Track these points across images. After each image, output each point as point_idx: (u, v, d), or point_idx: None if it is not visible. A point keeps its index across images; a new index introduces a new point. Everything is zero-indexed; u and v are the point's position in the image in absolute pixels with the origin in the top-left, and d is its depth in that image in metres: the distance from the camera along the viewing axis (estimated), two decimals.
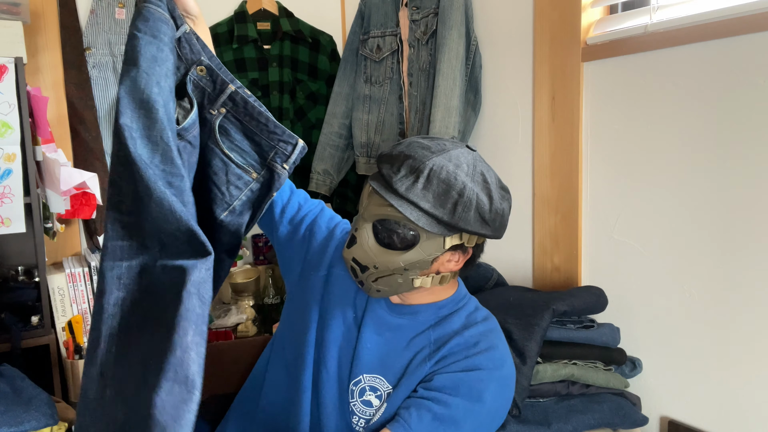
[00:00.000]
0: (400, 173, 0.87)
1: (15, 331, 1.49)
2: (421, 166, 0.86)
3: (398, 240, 0.89)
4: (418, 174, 0.86)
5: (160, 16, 0.82)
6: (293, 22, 2.19)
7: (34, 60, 1.77)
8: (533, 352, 1.23)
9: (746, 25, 1.17)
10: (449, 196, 0.86)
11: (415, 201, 0.86)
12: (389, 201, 0.87)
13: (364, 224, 0.91)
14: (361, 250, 0.91)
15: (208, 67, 0.90)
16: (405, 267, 0.90)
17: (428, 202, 0.86)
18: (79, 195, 1.68)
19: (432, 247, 0.89)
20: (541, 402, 1.28)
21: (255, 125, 0.93)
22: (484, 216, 0.88)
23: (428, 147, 0.90)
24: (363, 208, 0.92)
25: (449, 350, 0.95)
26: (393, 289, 0.93)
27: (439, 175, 0.86)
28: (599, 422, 1.26)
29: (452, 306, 1.01)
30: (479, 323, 0.99)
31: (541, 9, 1.57)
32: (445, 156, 0.88)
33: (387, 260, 0.90)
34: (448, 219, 0.86)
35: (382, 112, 1.98)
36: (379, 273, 0.91)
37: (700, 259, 1.29)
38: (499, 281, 1.65)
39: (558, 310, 1.29)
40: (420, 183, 0.85)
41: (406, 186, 0.86)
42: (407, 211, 0.86)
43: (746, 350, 1.23)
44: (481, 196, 0.87)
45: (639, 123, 1.39)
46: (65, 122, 1.85)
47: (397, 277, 0.91)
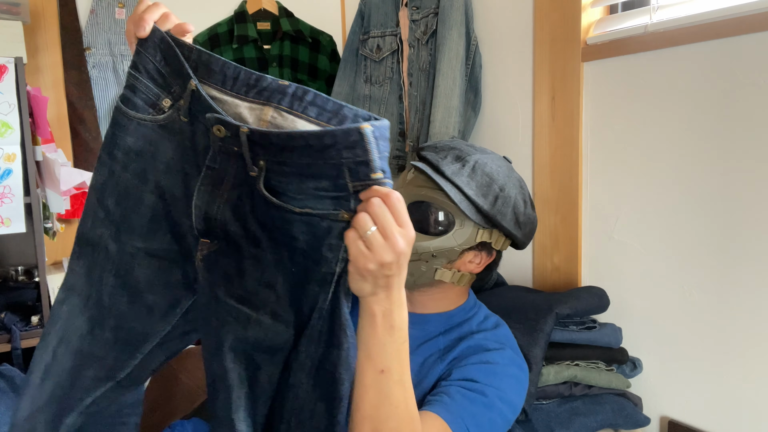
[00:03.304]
0: (446, 159, 0.89)
1: (15, 331, 1.49)
2: (467, 157, 0.90)
3: (433, 223, 0.90)
4: (464, 163, 0.89)
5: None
6: (293, 22, 2.19)
7: (34, 60, 1.77)
8: (538, 358, 1.23)
9: (746, 25, 1.17)
10: (491, 189, 0.89)
11: (459, 185, 0.88)
12: (435, 181, 0.88)
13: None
14: None
15: (222, 122, 0.66)
16: (433, 253, 0.90)
17: (472, 190, 0.88)
18: (79, 195, 1.69)
19: (464, 236, 0.90)
20: (544, 405, 1.28)
21: (301, 155, 0.62)
22: (519, 217, 0.91)
23: (471, 145, 0.95)
24: (399, 188, 0.91)
25: (460, 352, 0.94)
26: (413, 277, 0.92)
27: (483, 168, 0.90)
28: (601, 424, 1.26)
29: (462, 315, 1.00)
30: (489, 331, 0.99)
31: (541, 9, 1.57)
32: (487, 156, 0.93)
33: (417, 244, 0.89)
34: (488, 209, 0.89)
35: (382, 112, 1.98)
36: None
37: (700, 259, 1.29)
38: (498, 281, 1.65)
39: (561, 314, 1.29)
40: (466, 170, 0.88)
41: (453, 170, 0.88)
42: (452, 193, 0.87)
43: (746, 350, 1.23)
44: (518, 198, 0.92)
45: (639, 123, 1.39)
46: (65, 122, 1.85)
47: (422, 264, 0.91)
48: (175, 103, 0.73)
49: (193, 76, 0.69)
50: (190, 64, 0.70)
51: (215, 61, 0.69)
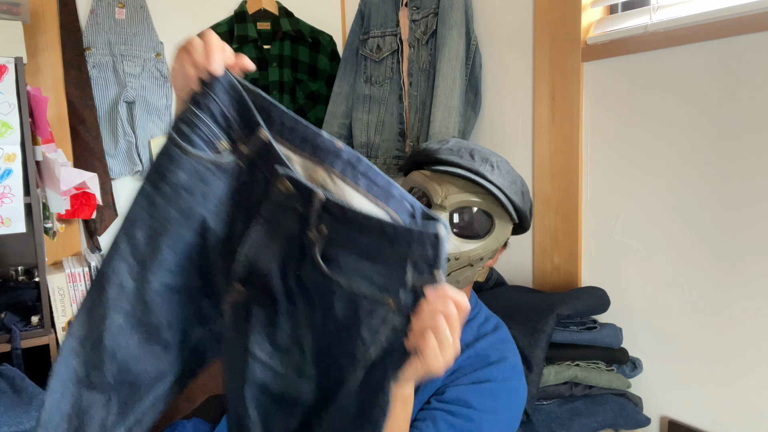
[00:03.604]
0: (476, 161, 0.90)
1: (15, 331, 1.49)
2: (489, 157, 0.91)
3: (478, 227, 0.90)
4: (491, 163, 0.90)
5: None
6: (293, 22, 2.19)
7: (34, 60, 1.77)
8: (539, 359, 1.23)
9: (746, 25, 1.17)
10: (517, 185, 0.92)
11: (499, 185, 0.89)
12: (483, 185, 0.88)
13: (442, 213, 0.89)
14: None
15: (289, 178, 0.66)
16: (482, 256, 0.90)
17: (508, 189, 0.90)
18: (79, 195, 1.69)
19: (502, 234, 0.92)
20: (544, 405, 1.28)
21: (368, 238, 0.63)
22: (532, 208, 0.96)
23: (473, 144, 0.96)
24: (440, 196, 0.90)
25: (460, 363, 0.93)
26: (459, 284, 0.92)
27: (505, 166, 0.92)
28: (602, 424, 1.26)
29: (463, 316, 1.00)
30: (490, 334, 0.98)
31: (541, 9, 1.57)
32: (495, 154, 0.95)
33: (467, 250, 0.89)
34: (521, 205, 0.92)
35: (382, 112, 1.98)
36: (456, 265, 0.90)
37: (700, 259, 1.29)
38: (498, 281, 1.65)
39: (562, 315, 1.29)
40: (496, 171, 0.90)
41: (490, 171, 0.89)
42: (499, 195, 0.89)
43: (747, 350, 1.23)
44: (526, 191, 0.96)
45: (639, 123, 1.39)
46: (65, 122, 1.85)
47: (469, 269, 0.91)
48: (235, 147, 0.71)
49: (263, 126, 0.69)
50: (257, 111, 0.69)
51: (275, 108, 0.69)
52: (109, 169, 1.97)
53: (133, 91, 1.99)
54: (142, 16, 2.01)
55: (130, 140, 1.98)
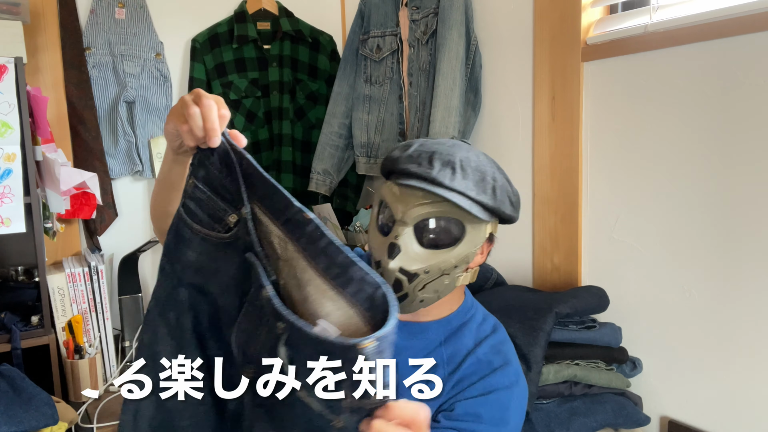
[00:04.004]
0: (435, 168, 0.86)
1: (15, 331, 1.49)
2: (452, 159, 0.87)
3: (447, 236, 0.88)
4: (452, 166, 0.86)
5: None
6: (293, 22, 2.19)
7: (34, 60, 1.77)
8: (539, 357, 1.23)
9: (746, 25, 1.17)
10: (486, 182, 0.87)
11: (461, 190, 0.85)
12: (440, 195, 0.85)
13: (405, 228, 0.87)
14: (407, 257, 0.86)
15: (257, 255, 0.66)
16: (455, 264, 0.89)
17: (472, 190, 0.86)
18: (79, 195, 1.69)
19: (477, 237, 0.90)
20: (544, 404, 1.28)
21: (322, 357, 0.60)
22: (512, 199, 0.91)
23: (442, 143, 0.91)
24: (399, 212, 0.88)
25: (464, 372, 0.93)
26: (437, 294, 0.91)
27: (470, 164, 0.87)
28: (601, 423, 1.26)
29: (461, 318, 0.99)
30: (489, 337, 0.97)
31: (541, 9, 1.57)
32: (461, 148, 0.90)
33: (438, 261, 0.87)
34: (492, 204, 0.88)
35: (382, 112, 1.98)
36: (429, 278, 0.88)
37: (700, 258, 1.29)
38: (498, 281, 1.65)
39: (561, 313, 1.29)
40: (458, 173, 0.86)
41: (449, 177, 0.85)
42: (460, 201, 0.85)
43: (746, 350, 1.23)
44: (505, 181, 0.91)
45: (639, 123, 1.39)
46: (65, 122, 1.85)
47: (445, 278, 0.89)
48: (241, 220, 0.69)
49: (246, 203, 0.67)
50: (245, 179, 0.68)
51: (259, 176, 0.67)
52: (109, 169, 1.97)
53: (133, 91, 1.99)
54: (142, 16, 2.01)
55: (130, 140, 1.98)
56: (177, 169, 0.79)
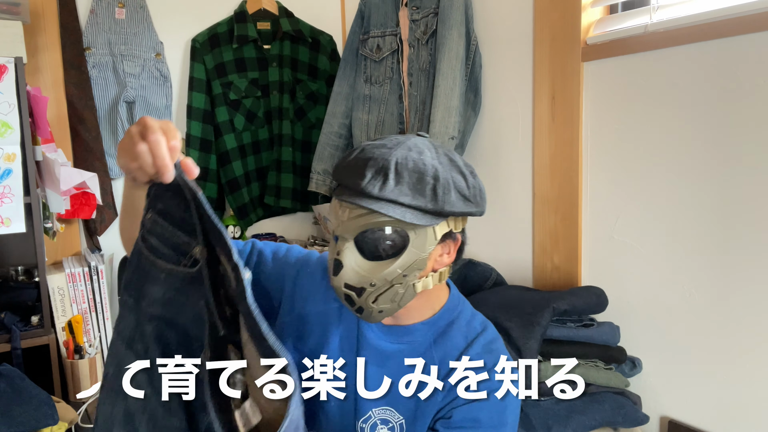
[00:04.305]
0: (366, 178, 0.81)
1: (15, 331, 1.49)
2: (386, 164, 0.82)
3: (388, 247, 0.83)
4: (385, 172, 0.81)
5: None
6: (293, 22, 2.20)
7: (34, 60, 1.77)
8: (533, 350, 1.23)
9: (746, 25, 1.17)
10: (425, 183, 0.82)
11: (392, 198, 0.81)
12: (366, 207, 0.81)
13: (345, 243, 0.84)
14: (351, 272, 0.84)
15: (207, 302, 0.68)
16: (403, 273, 0.85)
17: (406, 196, 0.81)
18: (79, 195, 1.69)
19: (424, 242, 0.85)
20: (542, 402, 1.28)
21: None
22: (465, 194, 0.85)
23: (383, 145, 0.86)
24: (338, 227, 0.85)
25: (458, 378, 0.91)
26: (396, 303, 0.88)
27: (407, 166, 0.82)
28: (600, 422, 1.26)
29: (448, 316, 0.96)
30: (480, 335, 0.95)
31: (541, 9, 1.57)
32: (403, 148, 0.85)
33: (383, 273, 0.84)
34: (433, 206, 0.83)
35: (382, 112, 1.98)
36: (377, 290, 0.85)
37: (700, 258, 1.29)
38: (497, 281, 1.65)
39: (558, 309, 1.29)
40: (391, 180, 0.81)
41: (379, 186, 0.81)
42: (390, 211, 0.81)
43: (746, 349, 1.23)
44: (455, 176, 0.85)
45: (639, 123, 1.39)
46: (65, 122, 1.85)
47: (398, 287, 0.86)
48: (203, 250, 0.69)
49: (201, 242, 0.66)
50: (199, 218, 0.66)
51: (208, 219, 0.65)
52: (109, 169, 1.97)
53: (133, 91, 1.99)
54: (142, 16, 2.02)
55: None
56: (138, 193, 0.76)
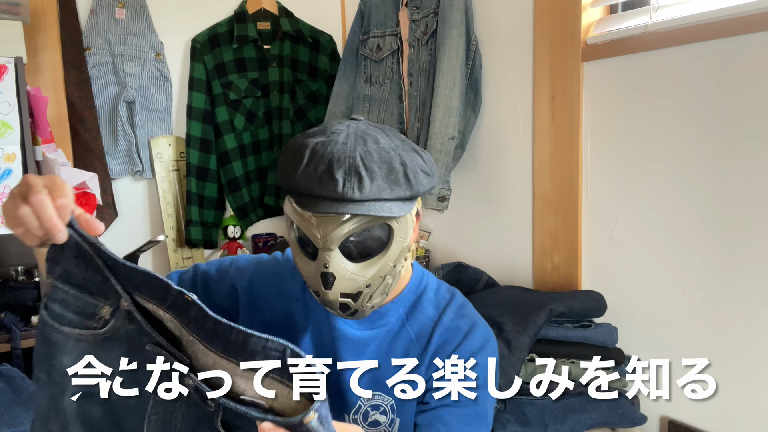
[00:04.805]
0: (339, 183, 0.77)
1: (15, 331, 1.49)
2: (352, 162, 0.78)
3: (376, 243, 0.82)
4: (356, 170, 0.77)
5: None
6: (293, 22, 2.19)
7: (34, 60, 1.77)
8: (524, 346, 1.23)
9: (746, 25, 1.16)
10: (396, 171, 0.80)
11: (374, 197, 0.78)
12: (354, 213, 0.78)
13: (330, 254, 0.80)
14: (344, 281, 0.81)
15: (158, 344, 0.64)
16: (393, 264, 0.84)
17: (385, 190, 0.79)
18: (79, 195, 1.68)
19: (406, 228, 0.85)
20: (538, 400, 1.29)
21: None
22: (426, 170, 0.84)
23: (331, 141, 0.81)
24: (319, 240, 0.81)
25: (436, 345, 0.92)
26: (385, 294, 0.88)
27: (373, 158, 0.79)
28: (597, 422, 1.26)
29: (415, 290, 0.96)
30: (450, 303, 0.96)
31: (541, 9, 1.57)
32: (356, 139, 0.81)
33: (376, 270, 0.83)
34: (409, 192, 0.81)
35: (382, 112, 1.98)
36: (372, 289, 0.84)
37: (700, 259, 1.29)
38: (488, 283, 1.65)
39: (555, 311, 1.29)
40: (366, 178, 0.77)
41: (357, 188, 0.77)
42: (377, 210, 0.78)
43: (747, 350, 1.23)
44: (413, 155, 0.84)
45: (639, 123, 1.38)
46: (65, 122, 1.85)
47: (388, 279, 0.86)
48: (117, 309, 0.65)
49: (122, 293, 0.63)
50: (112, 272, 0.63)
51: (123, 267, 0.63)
52: (109, 169, 1.97)
53: (133, 91, 1.99)
54: (142, 16, 2.02)
55: (130, 140, 1.99)
56: (43, 251, 0.71)
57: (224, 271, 0.99)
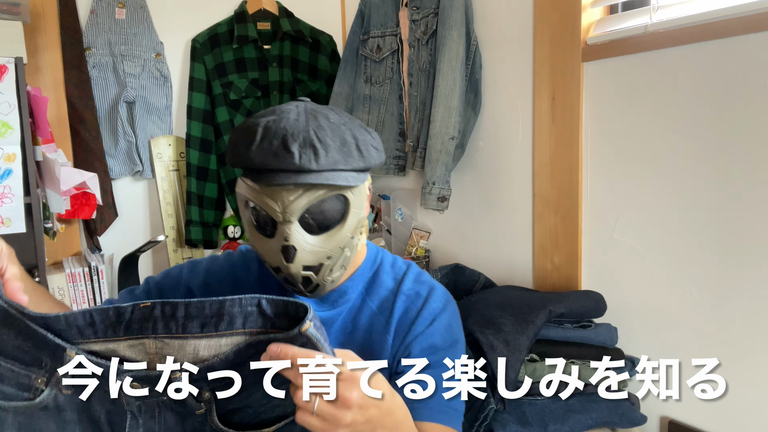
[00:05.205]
0: (295, 155, 0.78)
1: None
2: (306, 136, 0.80)
3: (334, 214, 0.84)
4: (311, 143, 0.79)
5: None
6: (293, 22, 2.20)
7: (34, 60, 1.77)
8: (523, 346, 1.23)
9: (746, 25, 1.16)
10: (348, 144, 0.82)
11: (332, 167, 0.80)
12: (311, 182, 0.79)
13: (291, 226, 0.81)
14: (306, 253, 0.82)
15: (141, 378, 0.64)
16: (351, 235, 0.86)
17: (341, 161, 0.81)
18: (79, 195, 1.69)
19: (361, 200, 0.87)
20: (538, 401, 1.28)
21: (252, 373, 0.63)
22: (375, 146, 0.88)
23: (281, 119, 0.82)
24: (279, 213, 0.82)
25: (399, 314, 0.93)
26: (344, 267, 0.89)
27: (325, 132, 0.81)
28: (597, 422, 1.26)
29: (372, 266, 0.98)
30: (407, 272, 0.98)
31: (541, 9, 1.57)
32: (308, 115, 0.83)
33: (336, 241, 0.84)
34: (362, 164, 0.84)
35: (382, 112, 1.98)
36: (333, 261, 0.85)
37: (700, 259, 1.29)
38: (486, 284, 1.65)
39: (555, 312, 1.29)
40: (321, 150, 0.79)
41: (313, 159, 0.79)
42: (335, 179, 0.80)
43: (747, 350, 1.23)
44: (362, 131, 0.86)
45: (639, 123, 1.38)
46: (65, 122, 1.85)
47: (347, 250, 0.87)
48: (52, 377, 0.64)
49: (64, 344, 0.62)
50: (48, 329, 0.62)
51: (58, 319, 0.62)
52: (109, 169, 1.97)
53: (133, 91, 1.99)
54: (142, 16, 2.02)
55: (130, 140, 1.99)
56: None
57: (177, 276, 1.00)
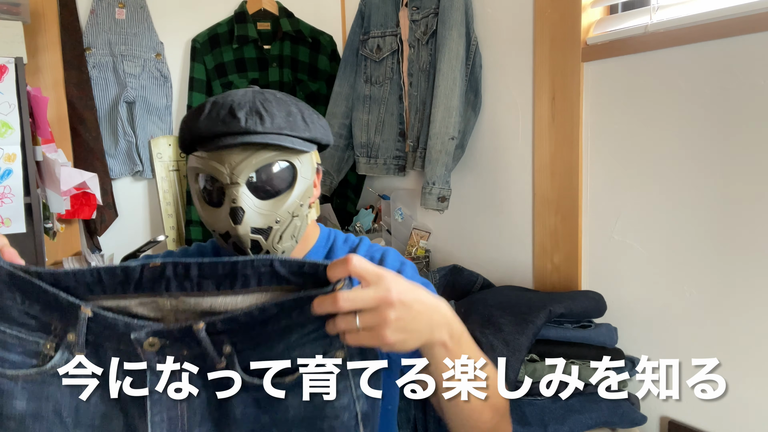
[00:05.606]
0: (241, 119, 0.81)
1: None
2: (252, 105, 0.83)
3: (282, 180, 0.86)
4: (257, 110, 0.82)
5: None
6: (293, 22, 2.20)
7: (34, 60, 1.77)
8: (523, 346, 1.23)
9: (746, 25, 1.17)
10: (293, 114, 0.85)
11: (277, 131, 0.83)
12: (257, 142, 0.81)
13: (238, 188, 0.83)
14: (254, 214, 0.84)
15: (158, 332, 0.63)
16: (300, 202, 0.88)
17: (287, 128, 0.84)
18: (79, 195, 1.69)
19: (309, 168, 0.89)
20: (538, 401, 1.28)
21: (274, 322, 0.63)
22: (321, 122, 0.90)
23: (230, 94, 0.85)
24: (226, 175, 0.83)
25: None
26: (294, 238, 0.90)
27: (271, 104, 0.84)
28: (597, 422, 1.26)
29: (325, 244, 0.99)
30: (360, 243, 0.98)
31: (541, 9, 1.57)
32: (254, 92, 0.87)
33: (285, 207, 0.85)
34: (308, 134, 0.86)
35: (382, 112, 1.98)
36: (282, 226, 0.86)
37: (700, 259, 1.29)
38: (484, 284, 1.66)
39: (555, 312, 1.29)
40: (266, 116, 0.82)
41: (259, 123, 0.82)
42: (282, 141, 0.83)
43: (746, 350, 1.23)
44: (309, 110, 0.89)
45: (639, 123, 1.38)
46: (65, 122, 1.85)
47: (296, 220, 0.88)
48: (62, 341, 0.63)
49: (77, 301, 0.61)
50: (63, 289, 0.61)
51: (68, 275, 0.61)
52: (109, 169, 1.97)
53: (133, 91, 1.99)
54: (142, 16, 2.02)
55: (130, 140, 1.99)
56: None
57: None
